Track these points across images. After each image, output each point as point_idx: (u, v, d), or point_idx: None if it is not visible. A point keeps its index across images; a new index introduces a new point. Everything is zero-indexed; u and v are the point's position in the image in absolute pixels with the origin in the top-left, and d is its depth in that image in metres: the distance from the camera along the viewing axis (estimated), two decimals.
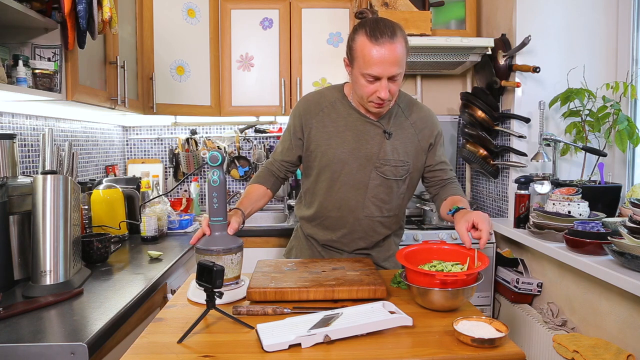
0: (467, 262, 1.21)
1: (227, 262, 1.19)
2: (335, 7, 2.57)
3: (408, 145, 1.46)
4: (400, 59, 1.28)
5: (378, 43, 1.25)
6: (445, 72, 2.82)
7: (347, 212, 1.48)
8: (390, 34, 1.27)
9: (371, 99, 1.34)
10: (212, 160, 1.19)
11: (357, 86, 1.36)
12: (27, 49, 1.55)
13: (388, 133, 1.43)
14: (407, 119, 1.48)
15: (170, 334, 1.00)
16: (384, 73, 1.27)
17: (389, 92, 1.31)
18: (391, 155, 1.44)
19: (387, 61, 1.26)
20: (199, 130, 2.94)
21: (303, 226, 1.62)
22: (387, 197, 1.47)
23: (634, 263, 1.40)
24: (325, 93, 1.50)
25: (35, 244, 1.30)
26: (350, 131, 1.44)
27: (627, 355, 1.46)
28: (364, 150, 1.43)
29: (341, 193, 1.47)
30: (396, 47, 1.26)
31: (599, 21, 2.22)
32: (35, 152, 1.93)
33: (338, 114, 1.45)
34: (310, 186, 1.53)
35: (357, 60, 1.31)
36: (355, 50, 1.31)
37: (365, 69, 1.28)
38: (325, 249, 1.59)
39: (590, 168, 2.08)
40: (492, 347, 0.93)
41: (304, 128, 1.47)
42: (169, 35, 2.41)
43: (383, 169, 1.44)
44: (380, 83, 1.29)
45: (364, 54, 1.27)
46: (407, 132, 1.46)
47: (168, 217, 2.19)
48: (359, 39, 1.29)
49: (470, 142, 2.56)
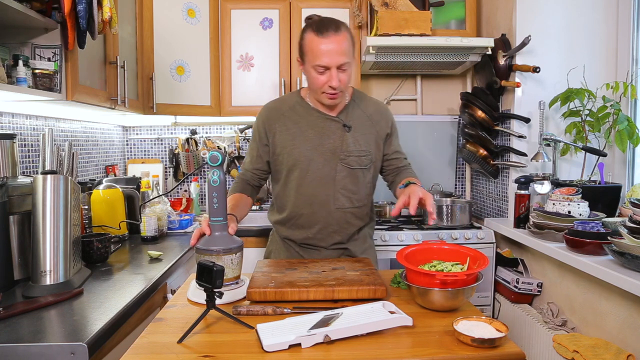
0: (467, 262, 1.21)
1: (227, 262, 1.19)
2: (335, 7, 2.57)
3: (368, 136, 1.56)
4: (346, 50, 1.40)
5: (324, 36, 1.38)
6: (445, 72, 2.82)
7: (319, 207, 1.54)
8: (335, 28, 1.40)
9: (324, 89, 1.44)
10: (212, 160, 1.19)
11: (310, 81, 1.47)
12: (27, 49, 1.55)
13: (348, 126, 1.53)
14: (364, 112, 1.58)
15: (170, 334, 1.00)
16: (331, 62, 1.39)
17: (339, 82, 1.41)
18: (353, 147, 1.53)
19: (333, 51, 1.38)
20: (199, 130, 2.94)
21: (278, 230, 1.67)
22: (354, 187, 1.55)
23: (634, 263, 1.40)
24: (284, 99, 1.62)
25: (35, 244, 1.30)
26: (312, 129, 1.53)
27: (627, 355, 1.46)
28: (327, 145, 1.52)
29: (311, 189, 1.53)
30: (341, 39, 1.39)
31: (599, 21, 2.22)
32: (35, 152, 1.93)
33: (299, 116, 1.55)
34: (281, 189, 1.60)
35: (307, 55, 1.43)
36: (304, 47, 1.44)
37: (315, 61, 1.40)
38: (303, 248, 1.62)
39: (590, 168, 2.08)
40: (492, 347, 0.93)
41: (268, 134, 1.56)
42: (169, 35, 2.41)
43: (348, 160, 1.53)
44: (330, 73, 1.40)
45: (312, 47, 1.40)
46: (365, 124, 1.56)
47: (168, 217, 2.19)
48: (307, 36, 1.43)
49: (470, 142, 2.56)
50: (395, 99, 2.95)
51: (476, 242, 2.32)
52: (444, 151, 2.95)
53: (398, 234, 2.33)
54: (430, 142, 2.94)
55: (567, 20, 2.24)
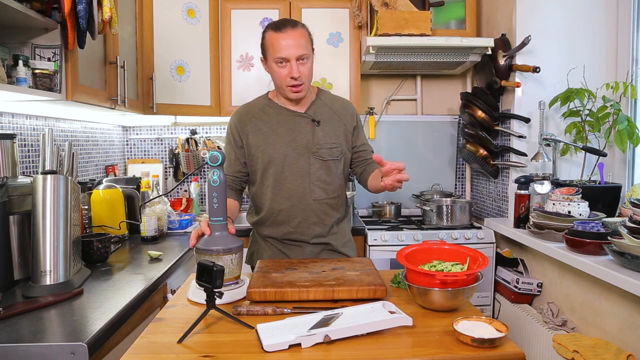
0: (467, 262, 1.21)
1: (227, 262, 1.19)
2: (335, 7, 2.57)
3: (336, 129, 1.64)
4: (304, 44, 1.50)
5: (282, 31, 1.49)
6: (445, 72, 2.82)
7: (297, 200, 1.60)
8: (292, 25, 1.51)
9: (287, 82, 1.52)
10: (212, 160, 1.19)
11: (274, 76, 1.55)
12: (27, 49, 1.55)
13: (317, 121, 1.61)
14: (330, 108, 1.66)
15: (170, 334, 1.00)
16: (290, 54, 1.48)
17: (299, 73, 1.50)
18: (323, 139, 1.60)
19: (291, 44, 1.48)
20: (199, 130, 2.94)
21: (258, 230, 1.70)
22: (328, 178, 1.62)
23: (634, 263, 1.40)
24: (252, 103, 1.69)
25: (35, 244, 1.30)
26: (283, 127, 1.60)
27: (627, 355, 1.46)
28: (299, 140, 1.59)
29: (288, 183, 1.59)
30: (298, 34, 1.50)
31: (599, 21, 2.22)
32: (35, 152, 1.93)
33: (269, 116, 1.62)
34: (258, 189, 1.65)
35: (268, 51, 1.53)
36: (265, 44, 1.54)
37: (275, 54, 1.49)
38: (285, 244, 1.65)
39: (590, 168, 2.08)
40: (492, 347, 0.93)
41: (241, 136, 1.62)
42: (169, 35, 2.41)
43: (320, 153, 1.60)
44: (291, 64, 1.49)
45: (272, 42, 1.50)
46: (333, 119, 1.64)
47: (168, 217, 2.19)
48: (267, 35, 1.53)
49: (470, 142, 2.56)
50: (395, 99, 2.95)
51: (476, 242, 2.32)
52: (444, 151, 2.95)
53: (398, 234, 2.33)
54: (430, 142, 2.94)
55: (567, 20, 2.24)
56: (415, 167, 2.94)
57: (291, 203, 1.60)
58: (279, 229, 1.63)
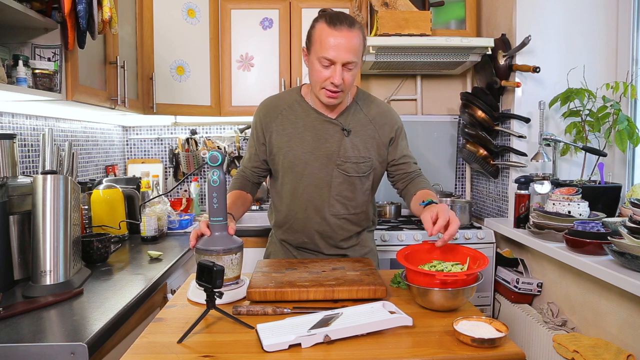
0: (467, 262, 1.21)
1: (227, 262, 1.19)
2: (335, 7, 2.56)
3: (368, 141, 1.49)
4: (356, 48, 1.34)
5: (336, 29, 1.31)
6: (445, 72, 2.82)
7: (314, 213, 1.50)
8: (349, 24, 1.33)
9: (324, 85, 1.37)
10: (212, 160, 1.19)
11: (312, 72, 1.40)
12: (27, 49, 1.55)
13: (347, 130, 1.46)
14: (366, 115, 1.51)
15: (170, 334, 1.00)
16: (338, 57, 1.32)
17: (342, 81, 1.34)
18: (351, 152, 1.47)
19: (342, 46, 1.31)
20: (199, 130, 2.94)
21: (275, 232, 1.64)
22: (351, 194, 1.50)
23: (634, 263, 1.40)
24: (283, 96, 1.55)
25: (35, 244, 1.30)
26: (309, 131, 1.47)
27: (627, 355, 1.46)
28: (323, 149, 1.46)
29: (306, 194, 1.49)
30: (353, 36, 1.33)
31: (599, 21, 2.22)
32: (35, 152, 1.93)
33: (296, 116, 1.49)
34: (278, 190, 1.57)
35: (314, 44, 1.36)
36: (313, 36, 1.37)
37: (322, 52, 1.33)
38: (300, 251, 1.60)
39: (590, 168, 2.08)
40: (492, 347, 0.93)
41: (265, 133, 1.51)
42: (169, 35, 2.41)
43: (344, 167, 1.47)
44: (335, 68, 1.33)
45: (322, 38, 1.33)
46: (367, 129, 1.49)
47: (168, 217, 2.19)
48: (318, 26, 1.35)
49: (470, 142, 2.56)
50: (395, 99, 2.95)
51: (476, 242, 2.32)
52: (444, 151, 2.95)
53: (398, 234, 2.33)
54: (430, 142, 2.94)
55: (567, 20, 2.24)
56: None
57: (307, 214, 1.50)
58: (294, 237, 1.57)
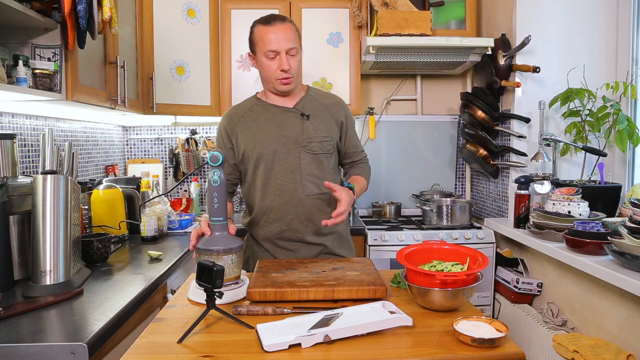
0: (467, 262, 1.21)
1: (227, 262, 1.19)
2: (335, 7, 2.57)
3: (327, 122, 1.63)
4: (293, 37, 1.53)
5: (271, 24, 1.52)
6: (445, 72, 2.82)
7: (288, 196, 1.57)
8: (281, 19, 1.53)
9: (276, 75, 1.53)
10: (213, 160, 1.19)
11: (263, 69, 1.56)
12: (27, 49, 1.55)
13: (306, 115, 1.60)
14: (321, 103, 1.66)
15: (170, 334, 1.00)
16: (280, 46, 1.50)
17: (289, 65, 1.52)
18: (314, 133, 1.59)
19: (281, 37, 1.50)
20: (199, 130, 2.94)
21: (252, 232, 1.66)
22: (320, 172, 1.60)
23: (634, 263, 1.40)
24: (241, 104, 1.69)
25: (35, 244, 1.30)
26: (271, 123, 1.60)
27: (627, 355, 1.46)
28: (288, 134, 1.58)
29: (279, 179, 1.57)
30: (287, 28, 1.52)
31: (599, 21, 2.22)
32: (35, 152, 1.93)
33: (257, 114, 1.62)
34: (249, 188, 1.64)
35: (257, 45, 1.54)
36: (255, 38, 1.55)
37: (265, 47, 1.51)
38: (279, 249, 1.60)
39: (590, 168, 2.08)
40: (492, 347, 0.93)
41: (231, 137, 1.62)
42: (169, 35, 2.41)
43: (310, 147, 1.58)
44: (280, 57, 1.51)
45: (262, 36, 1.52)
46: (324, 113, 1.64)
47: (168, 217, 2.19)
48: (257, 29, 1.55)
49: (470, 142, 2.56)
50: (395, 99, 2.95)
51: (476, 242, 2.32)
52: (444, 151, 2.95)
53: (398, 234, 2.33)
54: (430, 142, 2.94)
55: (567, 20, 2.24)
56: (415, 167, 2.94)
57: (282, 200, 1.56)
58: (271, 228, 1.59)
